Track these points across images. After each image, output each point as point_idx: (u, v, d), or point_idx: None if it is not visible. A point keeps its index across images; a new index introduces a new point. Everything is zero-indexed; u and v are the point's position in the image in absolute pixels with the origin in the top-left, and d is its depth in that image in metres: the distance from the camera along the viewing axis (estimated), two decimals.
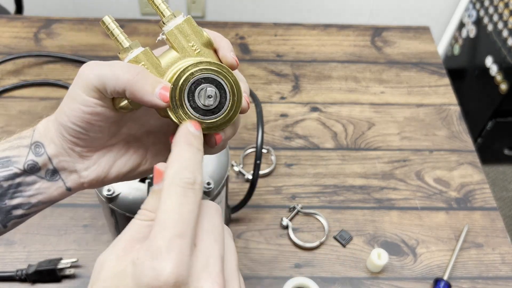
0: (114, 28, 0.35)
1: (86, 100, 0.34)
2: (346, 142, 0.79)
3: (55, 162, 0.36)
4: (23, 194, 0.36)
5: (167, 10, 0.36)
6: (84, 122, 0.35)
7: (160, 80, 0.34)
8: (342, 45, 0.95)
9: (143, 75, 0.33)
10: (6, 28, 0.92)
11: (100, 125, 0.35)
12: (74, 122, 0.35)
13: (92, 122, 0.35)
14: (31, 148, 0.36)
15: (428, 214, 0.71)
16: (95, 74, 0.33)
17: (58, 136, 0.36)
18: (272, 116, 0.82)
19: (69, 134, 0.35)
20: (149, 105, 0.34)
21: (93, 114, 0.34)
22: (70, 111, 0.35)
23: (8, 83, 0.83)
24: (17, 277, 0.60)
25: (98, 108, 0.34)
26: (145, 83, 0.33)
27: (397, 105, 0.85)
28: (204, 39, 0.36)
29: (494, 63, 1.52)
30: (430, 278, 0.65)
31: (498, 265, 0.67)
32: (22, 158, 0.36)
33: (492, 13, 1.54)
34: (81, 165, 0.37)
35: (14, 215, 0.37)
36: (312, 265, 0.65)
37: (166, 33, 0.36)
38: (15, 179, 0.36)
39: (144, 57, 0.35)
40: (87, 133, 0.35)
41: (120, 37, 0.35)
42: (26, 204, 0.37)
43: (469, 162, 0.78)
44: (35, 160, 0.36)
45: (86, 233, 0.66)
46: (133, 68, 0.34)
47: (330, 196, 0.72)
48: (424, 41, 0.97)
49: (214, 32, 0.37)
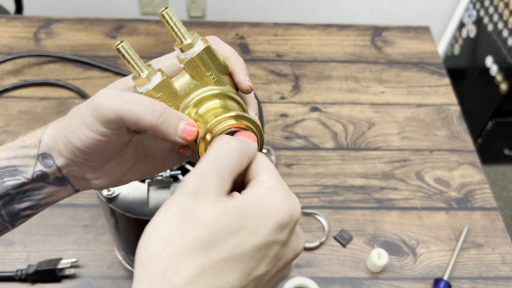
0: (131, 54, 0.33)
1: (101, 131, 0.33)
2: (346, 142, 0.79)
3: (64, 172, 0.36)
4: (31, 198, 0.37)
5: (187, 35, 0.34)
6: (98, 147, 0.34)
7: (182, 117, 0.34)
8: (342, 45, 0.95)
9: (166, 117, 0.33)
10: (6, 28, 0.92)
11: (114, 144, 0.35)
12: (86, 146, 0.34)
13: (106, 145, 0.35)
14: (39, 159, 0.36)
15: (428, 214, 0.71)
16: (113, 110, 0.32)
17: (68, 151, 0.35)
18: (272, 116, 0.82)
19: (80, 153, 0.35)
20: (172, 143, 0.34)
21: (106, 142, 0.34)
22: (83, 136, 0.34)
23: (8, 83, 0.83)
24: (17, 277, 0.60)
25: (114, 137, 0.34)
26: (169, 125, 0.33)
27: (397, 105, 0.85)
28: (221, 67, 0.36)
29: (494, 63, 1.52)
30: (430, 278, 0.65)
31: (498, 265, 0.67)
32: (30, 168, 0.36)
33: (492, 13, 1.54)
34: (91, 175, 0.37)
35: (22, 215, 0.37)
36: (312, 265, 0.65)
37: (185, 62, 0.34)
38: (23, 187, 0.36)
39: (161, 88, 0.34)
40: (99, 152, 0.35)
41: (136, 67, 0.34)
42: (34, 206, 0.37)
43: (469, 162, 0.78)
44: (44, 170, 0.36)
45: (86, 233, 0.66)
46: (155, 107, 0.33)
47: (330, 196, 0.72)
48: (424, 41, 0.97)
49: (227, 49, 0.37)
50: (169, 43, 0.91)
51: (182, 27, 0.34)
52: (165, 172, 0.49)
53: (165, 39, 0.92)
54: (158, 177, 0.48)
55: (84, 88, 0.82)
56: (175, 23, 0.34)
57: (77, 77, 0.85)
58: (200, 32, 1.07)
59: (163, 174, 0.48)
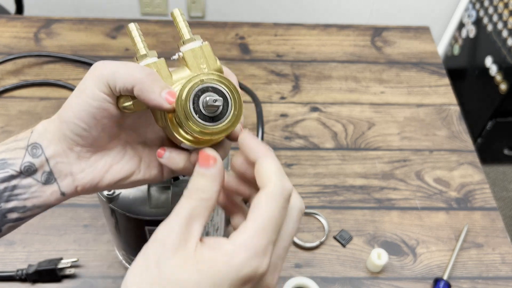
0: (136, 35, 0.38)
1: (95, 94, 0.35)
2: (346, 142, 0.79)
3: (52, 164, 0.36)
4: (19, 197, 0.36)
5: (189, 33, 0.38)
6: (90, 117, 0.35)
7: (169, 86, 0.35)
8: (342, 45, 0.95)
9: (154, 77, 0.35)
10: (6, 28, 0.92)
11: (103, 123, 0.36)
12: (79, 116, 0.35)
13: (97, 118, 0.35)
14: (28, 149, 0.36)
15: (428, 214, 0.71)
16: (109, 69, 0.35)
17: (59, 135, 0.36)
18: (272, 116, 0.82)
19: (71, 131, 0.36)
20: (153, 104, 0.34)
21: (99, 109, 0.35)
22: (76, 105, 0.35)
23: (8, 83, 0.83)
24: (17, 277, 0.60)
25: (105, 104, 0.35)
26: (155, 84, 0.34)
27: (397, 105, 0.85)
28: (216, 66, 0.38)
29: (494, 63, 1.52)
30: (430, 278, 0.65)
31: (498, 265, 0.67)
32: (18, 160, 0.36)
33: (491, 13, 1.54)
34: (77, 167, 0.37)
35: (9, 219, 0.37)
36: (312, 265, 0.65)
37: (183, 52, 0.37)
38: (11, 181, 0.36)
39: (157, 66, 0.37)
40: (89, 131, 0.36)
41: (139, 44, 0.37)
42: (21, 208, 0.37)
43: (469, 162, 0.78)
44: (31, 161, 0.36)
45: (86, 233, 0.66)
46: (146, 69, 0.35)
47: (330, 196, 0.72)
48: (424, 41, 0.97)
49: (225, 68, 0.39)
50: (169, 43, 0.91)
51: (187, 26, 0.38)
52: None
53: (165, 39, 0.92)
54: None
55: None
56: (183, 20, 0.39)
57: (77, 77, 0.85)
58: (200, 32, 1.06)
59: None
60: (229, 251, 0.30)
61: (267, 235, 0.30)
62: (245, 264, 0.30)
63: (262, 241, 0.30)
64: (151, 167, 0.40)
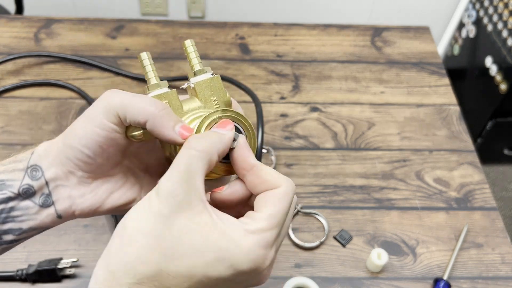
0: (148, 64, 0.37)
1: (103, 123, 0.34)
2: (346, 142, 0.79)
3: (51, 187, 0.36)
4: (15, 219, 0.36)
5: (199, 64, 0.39)
6: (96, 146, 0.35)
7: (181, 120, 0.35)
8: (342, 45, 0.95)
9: (167, 111, 0.34)
10: (6, 28, 0.92)
11: (109, 152, 0.35)
12: (85, 144, 0.34)
13: (104, 147, 0.35)
14: (27, 172, 0.36)
15: (428, 214, 0.71)
16: (119, 100, 0.34)
17: (61, 157, 0.35)
18: (272, 116, 0.82)
19: (75, 157, 0.35)
20: (166, 139, 0.34)
21: (106, 139, 0.34)
22: (83, 133, 0.34)
23: (8, 83, 0.83)
24: (18, 277, 0.60)
25: (113, 134, 0.35)
26: (168, 119, 0.34)
27: (397, 105, 0.85)
28: (226, 98, 0.38)
29: (494, 63, 1.52)
30: (430, 278, 0.65)
31: (498, 265, 0.67)
32: (17, 182, 0.35)
33: (491, 13, 1.55)
34: (76, 192, 0.37)
35: (4, 240, 0.37)
36: (312, 265, 0.65)
37: (195, 83, 0.38)
38: (8, 202, 0.35)
39: (169, 97, 0.37)
40: (94, 158, 0.35)
41: (150, 74, 0.37)
42: (17, 230, 0.36)
43: (469, 162, 0.78)
44: (31, 184, 0.35)
45: (86, 233, 0.66)
46: (159, 103, 0.35)
47: (330, 196, 0.72)
48: (424, 41, 0.97)
49: (234, 99, 0.39)
50: (169, 43, 0.91)
51: (198, 57, 0.39)
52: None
53: (165, 39, 0.92)
54: None
55: (84, 88, 0.82)
56: (194, 51, 0.39)
57: (78, 77, 0.85)
58: (200, 32, 1.06)
59: None
60: (242, 233, 0.30)
61: (277, 230, 0.32)
62: (254, 251, 0.30)
63: (273, 235, 0.31)
64: None
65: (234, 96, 0.84)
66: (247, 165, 0.34)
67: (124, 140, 0.36)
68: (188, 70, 0.39)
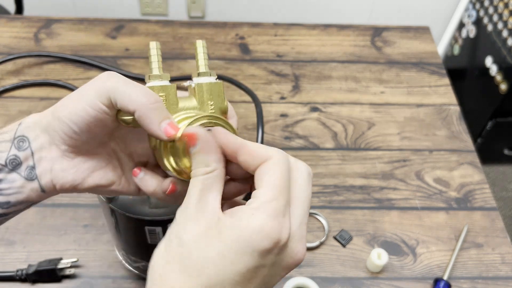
0: (155, 54, 0.37)
1: (95, 104, 0.34)
2: (346, 142, 0.79)
3: (36, 158, 0.36)
4: (3, 192, 0.36)
5: (205, 67, 0.39)
6: (83, 124, 0.35)
7: (171, 117, 0.35)
8: (342, 45, 0.95)
9: (158, 106, 0.34)
10: (6, 28, 0.92)
11: (96, 132, 0.36)
12: (74, 120, 0.35)
13: (91, 126, 0.35)
14: (14, 142, 0.36)
15: (428, 214, 0.71)
16: (114, 84, 0.34)
17: (49, 130, 0.36)
18: (272, 116, 0.82)
19: (62, 130, 0.35)
20: (151, 133, 0.35)
21: (95, 119, 0.35)
22: (73, 108, 0.35)
23: (8, 83, 0.83)
24: (17, 277, 0.60)
25: (102, 115, 0.35)
26: (157, 113, 0.34)
27: (397, 105, 0.85)
28: (223, 105, 0.38)
29: (494, 63, 1.52)
30: (430, 278, 0.65)
31: (498, 265, 0.67)
32: (4, 153, 0.36)
33: (492, 13, 1.55)
34: (59, 166, 0.37)
35: None
36: (312, 265, 0.65)
37: (196, 83, 0.38)
38: None
39: (167, 90, 0.37)
40: (80, 135, 0.35)
41: (155, 64, 0.37)
42: (5, 203, 0.37)
43: (469, 162, 0.78)
44: (17, 154, 0.36)
45: (86, 233, 0.66)
46: (151, 95, 0.35)
47: (330, 196, 0.72)
48: (424, 41, 0.97)
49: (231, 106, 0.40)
50: (169, 43, 0.91)
51: (207, 59, 0.39)
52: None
53: (165, 39, 0.92)
54: None
55: None
56: (203, 52, 0.39)
57: (78, 77, 0.85)
58: (200, 32, 1.06)
59: None
60: (248, 214, 0.30)
61: (282, 196, 0.31)
62: (266, 225, 0.30)
63: (279, 203, 0.31)
64: (130, 182, 0.40)
65: (234, 96, 0.84)
66: (234, 146, 0.33)
67: (112, 123, 0.36)
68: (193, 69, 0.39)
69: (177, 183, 0.37)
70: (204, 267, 0.30)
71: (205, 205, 0.31)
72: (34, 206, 0.38)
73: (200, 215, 0.31)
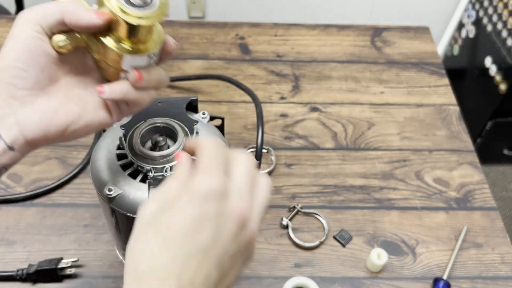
0: None
1: (28, 34, 0.37)
2: (346, 142, 0.79)
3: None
4: None
5: None
6: (26, 57, 0.36)
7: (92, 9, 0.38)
8: (342, 45, 0.95)
9: (79, 2, 0.37)
10: (6, 28, 0.92)
11: (41, 62, 0.37)
12: (16, 58, 0.36)
13: (34, 57, 0.37)
14: None
15: (428, 214, 0.71)
16: (36, 11, 0.37)
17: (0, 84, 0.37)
18: (272, 116, 0.82)
19: (10, 75, 0.36)
20: (86, 24, 0.37)
21: (35, 47, 0.37)
22: (12, 49, 0.37)
23: None
24: (18, 276, 0.60)
25: (40, 42, 0.37)
26: (81, 7, 0.37)
27: (397, 105, 0.85)
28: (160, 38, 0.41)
29: (493, 63, 1.53)
30: (430, 278, 0.65)
31: (498, 265, 0.67)
32: None
33: (491, 13, 1.55)
34: (22, 115, 0.37)
35: None
36: (312, 265, 0.65)
37: None
38: None
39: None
40: (28, 70, 0.37)
41: None
42: None
43: (469, 162, 0.78)
44: None
45: (86, 233, 0.66)
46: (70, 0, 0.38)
47: (330, 196, 0.72)
48: (424, 41, 0.97)
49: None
50: None
51: None
52: (165, 172, 0.49)
53: None
54: (159, 177, 0.49)
55: None
56: None
57: None
58: (200, 32, 1.06)
59: (163, 174, 0.49)
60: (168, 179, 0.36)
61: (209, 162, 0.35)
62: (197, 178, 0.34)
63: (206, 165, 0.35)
64: (98, 109, 0.41)
65: (234, 96, 0.84)
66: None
67: (52, 50, 0.38)
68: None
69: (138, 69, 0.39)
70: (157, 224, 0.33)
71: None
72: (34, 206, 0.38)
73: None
